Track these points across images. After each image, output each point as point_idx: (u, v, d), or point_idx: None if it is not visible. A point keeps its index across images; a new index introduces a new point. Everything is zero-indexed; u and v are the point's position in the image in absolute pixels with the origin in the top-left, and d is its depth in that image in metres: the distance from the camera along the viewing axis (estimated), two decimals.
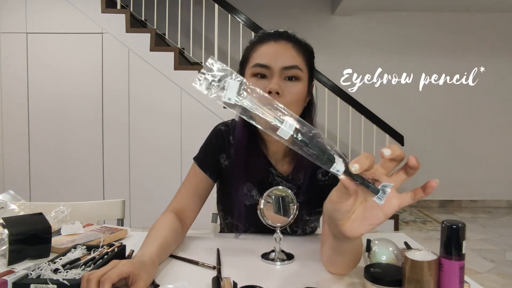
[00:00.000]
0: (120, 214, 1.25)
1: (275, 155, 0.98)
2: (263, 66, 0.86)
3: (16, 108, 3.59)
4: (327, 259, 0.74)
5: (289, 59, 0.86)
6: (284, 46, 0.88)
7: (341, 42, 4.69)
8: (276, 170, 0.98)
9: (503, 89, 4.72)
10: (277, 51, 0.87)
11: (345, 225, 0.56)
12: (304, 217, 0.99)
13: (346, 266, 0.72)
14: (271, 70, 0.86)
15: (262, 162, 0.97)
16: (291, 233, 1.01)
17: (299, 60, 0.88)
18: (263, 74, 0.87)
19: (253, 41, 0.93)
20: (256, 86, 0.71)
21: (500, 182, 4.74)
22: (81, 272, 0.67)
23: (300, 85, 0.87)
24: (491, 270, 2.67)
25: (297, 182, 0.97)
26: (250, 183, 0.98)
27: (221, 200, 1.06)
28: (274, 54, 0.87)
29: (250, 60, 0.90)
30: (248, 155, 0.95)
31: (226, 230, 1.08)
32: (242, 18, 3.54)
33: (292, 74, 0.86)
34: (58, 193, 3.55)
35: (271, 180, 0.98)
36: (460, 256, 0.54)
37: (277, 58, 0.86)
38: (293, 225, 1.00)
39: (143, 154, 3.55)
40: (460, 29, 4.69)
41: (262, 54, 0.88)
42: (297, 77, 0.87)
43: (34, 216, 0.84)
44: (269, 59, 0.86)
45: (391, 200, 0.53)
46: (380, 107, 4.27)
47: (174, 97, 3.54)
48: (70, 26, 3.54)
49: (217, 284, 0.67)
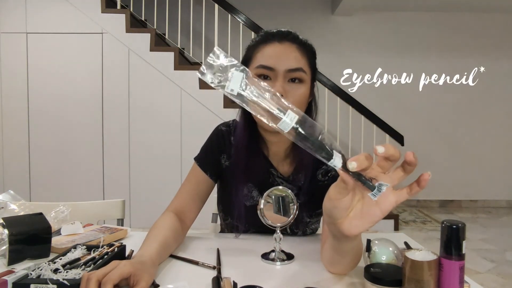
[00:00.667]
0: (120, 214, 1.25)
1: (276, 156, 0.98)
2: (267, 67, 0.85)
3: (16, 108, 3.59)
4: (327, 259, 0.74)
5: (294, 61, 0.85)
6: (289, 47, 0.87)
7: (341, 42, 4.69)
8: (277, 171, 0.98)
9: (503, 89, 4.72)
10: (282, 52, 0.86)
11: (344, 223, 0.56)
12: (304, 219, 0.99)
13: (346, 266, 0.72)
14: (275, 72, 0.84)
15: (262, 163, 0.97)
16: (291, 234, 1.01)
17: (303, 62, 0.87)
18: (267, 76, 0.86)
19: (256, 41, 0.91)
20: None
21: (500, 182, 4.74)
22: (81, 272, 0.67)
23: (304, 87, 0.87)
24: (491, 270, 2.67)
25: (298, 183, 0.97)
26: (251, 183, 0.98)
27: (221, 201, 1.06)
28: (278, 56, 0.85)
29: (254, 60, 0.88)
30: (248, 156, 0.94)
31: (226, 231, 1.08)
32: (242, 18, 3.54)
33: (296, 76, 0.85)
34: (58, 193, 3.55)
35: (271, 181, 0.98)
36: (460, 256, 0.54)
37: (281, 60, 0.85)
38: (294, 227, 0.99)
39: (143, 154, 3.55)
40: (460, 29, 4.69)
41: (266, 55, 0.86)
42: (301, 79, 0.86)
43: (34, 216, 0.84)
44: (273, 61, 0.85)
45: (388, 196, 0.53)
46: (380, 107, 4.27)
47: (174, 97, 3.54)
48: (70, 26, 3.54)
49: (217, 284, 0.67)
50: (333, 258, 0.72)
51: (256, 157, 0.95)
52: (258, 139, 0.96)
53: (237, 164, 0.96)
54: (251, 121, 0.92)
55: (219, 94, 3.52)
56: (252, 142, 0.94)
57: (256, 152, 0.96)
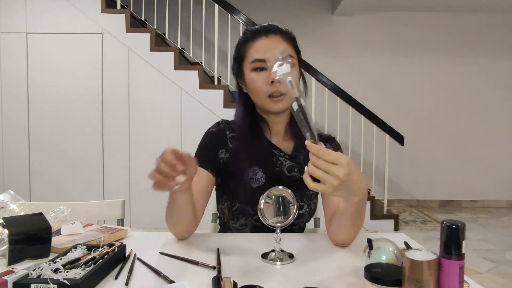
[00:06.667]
0: (120, 214, 1.25)
1: (276, 136, 1.07)
2: (261, 60, 0.97)
3: (16, 108, 3.59)
4: (334, 229, 0.90)
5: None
6: (275, 39, 1.00)
7: (341, 42, 4.69)
8: (279, 150, 1.05)
9: (503, 89, 4.71)
10: (270, 45, 0.98)
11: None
12: (307, 192, 1.06)
13: (353, 227, 0.86)
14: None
15: (265, 144, 1.05)
16: (299, 211, 1.05)
17: (290, 49, 1.00)
18: (262, 67, 0.98)
19: (244, 39, 1.03)
20: (258, 79, 0.98)
21: (500, 182, 4.74)
22: (81, 272, 0.67)
23: (295, 70, 0.99)
24: (491, 270, 2.67)
25: (299, 160, 1.05)
26: (256, 166, 1.03)
27: (225, 191, 1.08)
28: (268, 48, 0.97)
29: (248, 56, 1.00)
30: (251, 140, 1.03)
31: (231, 223, 1.08)
32: (242, 18, 3.54)
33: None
34: (58, 193, 3.55)
35: (275, 160, 1.05)
36: (460, 256, 0.55)
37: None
38: (299, 201, 1.05)
39: (143, 154, 3.55)
40: (460, 29, 4.69)
41: (257, 49, 0.99)
42: (292, 64, 0.93)
43: (34, 216, 0.84)
44: (265, 53, 0.96)
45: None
46: (380, 107, 4.27)
47: (174, 97, 3.54)
48: (70, 26, 3.54)
49: (217, 284, 0.67)
50: (341, 223, 0.86)
51: (258, 140, 1.04)
52: (259, 123, 1.06)
53: (241, 150, 1.03)
54: (251, 107, 1.05)
55: (219, 94, 3.52)
56: (253, 126, 1.04)
57: (258, 137, 1.04)
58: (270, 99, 0.98)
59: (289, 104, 0.97)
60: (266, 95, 0.98)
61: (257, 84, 0.99)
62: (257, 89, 0.99)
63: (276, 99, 0.98)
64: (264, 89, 0.98)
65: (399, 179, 4.68)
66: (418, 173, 4.74)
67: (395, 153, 4.10)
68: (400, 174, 4.64)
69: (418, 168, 4.73)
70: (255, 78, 0.99)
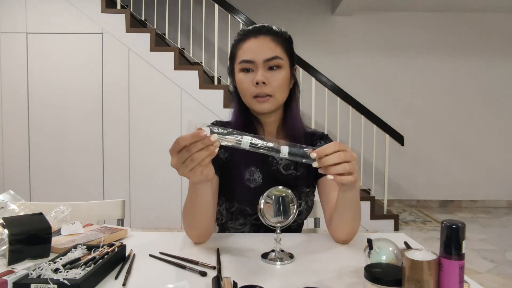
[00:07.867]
0: (120, 214, 1.25)
1: (270, 135, 1.08)
2: (248, 61, 0.98)
3: (16, 108, 3.59)
4: (336, 223, 0.91)
5: (269, 51, 0.98)
6: (263, 40, 0.99)
7: (341, 42, 4.69)
8: None
9: (503, 89, 4.72)
10: (258, 46, 0.98)
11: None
12: (304, 189, 1.07)
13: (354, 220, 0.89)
14: (255, 63, 0.97)
15: None
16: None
17: (279, 51, 0.99)
18: (249, 69, 0.99)
19: (236, 40, 1.03)
20: (244, 80, 1.00)
21: (500, 182, 4.74)
22: (81, 272, 0.67)
23: (283, 72, 0.99)
24: (491, 270, 2.67)
25: None
26: (253, 167, 1.04)
27: (223, 192, 1.07)
28: (255, 49, 0.98)
29: (237, 57, 1.01)
30: None
31: (230, 223, 1.08)
32: (242, 18, 3.54)
33: (274, 64, 0.98)
34: (58, 193, 3.55)
35: (271, 159, 1.06)
36: (460, 256, 0.54)
37: (258, 52, 0.97)
38: (297, 198, 1.04)
39: (143, 154, 3.55)
40: (460, 29, 4.69)
41: (245, 51, 0.99)
42: (279, 66, 0.99)
43: (34, 216, 0.84)
44: (252, 54, 0.98)
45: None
46: (380, 107, 4.27)
47: (174, 97, 3.54)
48: (70, 26, 3.54)
49: (217, 284, 0.67)
50: (342, 216, 0.88)
51: None
52: (253, 123, 1.07)
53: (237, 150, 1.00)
54: (245, 107, 1.05)
55: (219, 94, 3.52)
56: (248, 126, 1.04)
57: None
58: (255, 99, 0.99)
59: (274, 105, 1.00)
60: (252, 95, 0.99)
61: (243, 85, 1.00)
62: (244, 89, 1.00)
63: (261, 99, 0.98)
64: (250, 90, 0.98)
65: (399, 179, 4.68)
66: (418, 173, 4.74)
67: (395, 153, 4.10)
68: (400, 174, 4.64)
69: (418, 168, 4.73)
70: (242, 79, 1.00)
